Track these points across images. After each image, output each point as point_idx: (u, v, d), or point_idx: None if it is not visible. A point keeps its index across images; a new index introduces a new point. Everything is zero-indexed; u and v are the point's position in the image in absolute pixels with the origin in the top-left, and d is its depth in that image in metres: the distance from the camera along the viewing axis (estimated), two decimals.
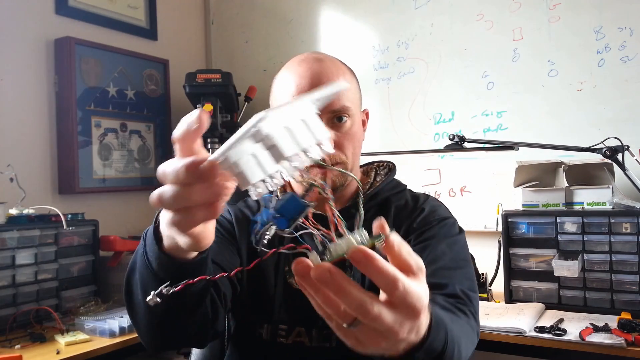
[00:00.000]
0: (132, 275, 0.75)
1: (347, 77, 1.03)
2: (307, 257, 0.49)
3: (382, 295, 0.47)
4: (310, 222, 0.54)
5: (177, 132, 0.50)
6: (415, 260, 0.49)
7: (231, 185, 0.51)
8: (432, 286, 0.63)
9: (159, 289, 0.57)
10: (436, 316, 0.60)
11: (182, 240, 0.58)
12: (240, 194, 1.00)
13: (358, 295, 0.45)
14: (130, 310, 0.78)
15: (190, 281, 0.58)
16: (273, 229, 0.54)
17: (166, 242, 0.64)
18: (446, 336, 0.64)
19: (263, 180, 0.49)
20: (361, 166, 1.16)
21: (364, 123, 1.09)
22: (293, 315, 1.00)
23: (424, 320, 0.54)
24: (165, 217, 0.56)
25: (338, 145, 0.99)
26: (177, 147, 0.51)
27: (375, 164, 1.17)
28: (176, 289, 0.57)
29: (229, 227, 1.05)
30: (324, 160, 0.52)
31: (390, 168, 1.15)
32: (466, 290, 0.89)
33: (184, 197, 0.50)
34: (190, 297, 0.74)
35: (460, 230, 1.04)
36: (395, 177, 1.13)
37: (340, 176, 1.00)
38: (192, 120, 0.49)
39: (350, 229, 0.51)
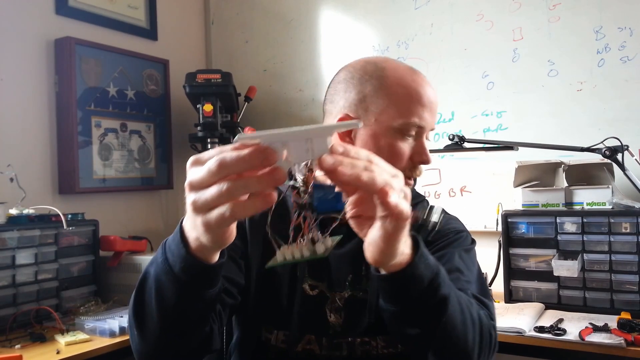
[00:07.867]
0: (144, 285, 0.73)
1: None
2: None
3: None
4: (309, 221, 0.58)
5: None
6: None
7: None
8: None
9: None
10: (422, 247, 0.70)
11: (212, 238, 0.58)
12: None
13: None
14: (139, 321, 0.74)
15: None
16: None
17: (193, 244, 0.64)
18: (437, 272, 0.71)
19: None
20: None
21: None
22: (304, 322, 0.96)
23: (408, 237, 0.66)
24: (210, 213, 0.54)
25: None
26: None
27: None
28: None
29: (241, 232, 0.97)
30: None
31: None
32: (480, 296, 0.92)
33: (253, 182, 0.51)
34: (204, 303, 0.72)
35: (473, 241, 1.05)
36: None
37: None
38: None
39: None
